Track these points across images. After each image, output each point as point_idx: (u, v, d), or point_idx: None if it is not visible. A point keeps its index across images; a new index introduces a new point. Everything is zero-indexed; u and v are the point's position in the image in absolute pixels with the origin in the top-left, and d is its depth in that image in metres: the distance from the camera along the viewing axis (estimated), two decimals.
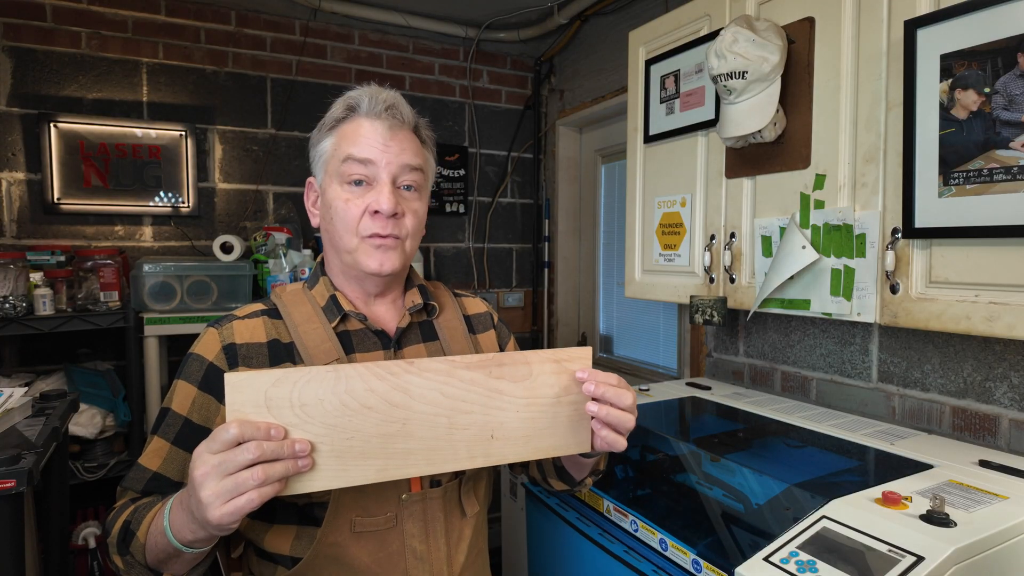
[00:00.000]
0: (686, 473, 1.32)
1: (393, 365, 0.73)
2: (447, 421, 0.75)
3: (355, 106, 0.92)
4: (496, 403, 0.77)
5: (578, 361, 0.81)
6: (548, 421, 0.80)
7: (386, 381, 0.72)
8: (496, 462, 0.79)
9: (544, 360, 0.79)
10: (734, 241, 1.51)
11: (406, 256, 0.93)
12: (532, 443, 0.80)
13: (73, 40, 2.28)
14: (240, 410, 0.67)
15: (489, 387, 0.77)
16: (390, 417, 0.73)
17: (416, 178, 0.93)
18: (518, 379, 0.78)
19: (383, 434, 0.73)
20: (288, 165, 2.65)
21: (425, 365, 0.74)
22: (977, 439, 1.29)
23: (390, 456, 0.73)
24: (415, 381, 0.74)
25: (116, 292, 2.08)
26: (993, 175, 0.99)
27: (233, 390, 0.67)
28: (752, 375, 1.83)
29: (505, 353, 0.78)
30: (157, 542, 0.76)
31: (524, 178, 3.18)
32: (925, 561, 0.82)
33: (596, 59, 2.70)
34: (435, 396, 0.75)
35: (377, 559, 0.87)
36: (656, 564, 1.12)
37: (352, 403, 0.71)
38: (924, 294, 1.11)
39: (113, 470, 2.08)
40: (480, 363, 0.77)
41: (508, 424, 0.78)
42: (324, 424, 0.70)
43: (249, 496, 0.65)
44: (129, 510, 0.84)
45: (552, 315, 3.15)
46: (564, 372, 0.80)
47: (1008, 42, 0.96)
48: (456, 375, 0.76)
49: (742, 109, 1.32)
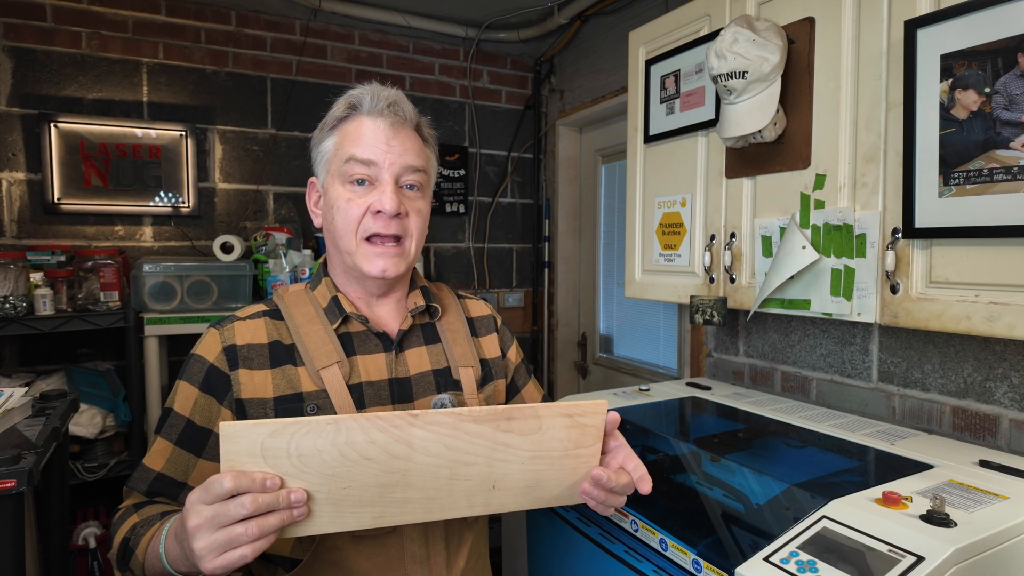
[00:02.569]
0: (686, 473, 1.32)
1: (396, 418, 0.69)
2: (448, 472, 0.73)
3: (357, 104, 0.91)
4: (501, 455, 0.75)
5: (591, 416, 0.77)
6: (554, 473, 0.78)
7: (388, 434, 0.69)
8: (496, 511, 0.77)
9: (556, 415, 0.76)
10: (734, 241, 1.51)
11: (409, 259, 0.93)
12: (534, 493, 0.78)
13: (73, 40, 2.28)
14: (235, 459, 0.64)
15: (495, 440, 0.74)
16: (390, 468, 0.70)
17: (419, 177, 0.93)
18: (527, 433, 0.75)
19: (382, 484, 0.70)
20: (288, 165, 2.65)
21: (430, 418, 0.71)
22: (977, 439, 1.29)
23: (387, 504, 0.72)
24: (418, 434, 0.70)
25: (116, 292, 2.08)
26: (993, 175, 0.99)
27: (228, 440, 0.64)
28: (752, 375, 1.83)
29: (516, 407, 0.74)
30: (154, 565, 0.76)
31: (524, 178, 3.18)
32: (925, 561, 0.82)
33: (596, 59, 2.70)
34: (438, 448, 0.71)
35: (376, 563, 0.86)
36: (656, 564, 1.12)
37: (352, 454, 0.68)
38: (924, 294, 1.11)
39: (113, 470, 2.08)
40: (488, 416, 0.73)
41: (511, 476, 0.76)
42: (321, 474, 0.68)
43: (242, 551, 0.63)
44: (128, 525, 0.83)
45: (552, 315, 3.15)
46: (576, 427, 0.77)
47: (1008, 42, 0.96)
48: (462, 428, 0.72)
49: (742, 109, 1.32)
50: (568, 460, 0.78)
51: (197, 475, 0.87)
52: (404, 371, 0.95)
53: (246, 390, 0.87)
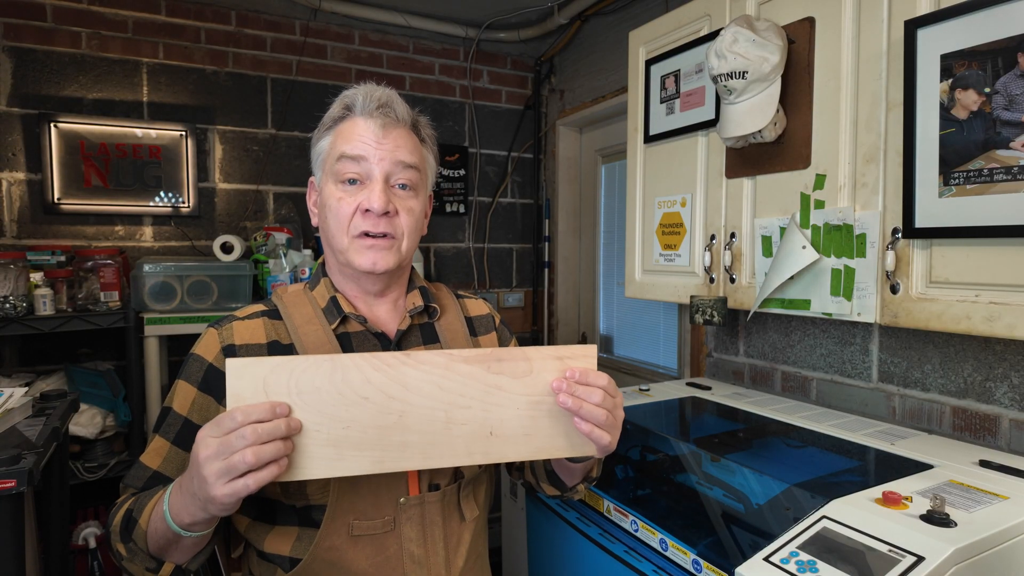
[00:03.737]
0: (686, 473, 1.32)
1: (390, 357, 0.73)
2: (444, 415, 0.75)
3: (351, 105, 0.92)
4: (495, 399, 0.76)
5: (582, 359, 0.79)
6: (550, 420, 0.79)
7: (383, 372, 0.73)
8: (496, 460, 0.78)
9: (546, 357, 0.78)
10: (734, 241, 1.51)
11: (401, 255, 0.93)
12: (533, 442, 0.79)
13: (73, 40, 2.28)
14: (240, 394, 0.69)
15: (488, 382, 0.76)
16: (387, 409, 0.73)
17: (411, 176, 0.92)
18: (518, 375, 0.77)
19: (380, 426, 0.73)
20: (288, 165, 2.65)
21: (422, 358, 0.74)
22: (977, 439, 1.29)
23: (386, 448, 0.73)
24: (412, 373, 0.74)
25: (116, 292, 2.08)
26: (993, 175, 0.99)
27: (234, 375, 0.68)
28: (752, 375, 1.83)
29: (505, 348, 0.76)
30: (157, 528, 0.77)
31: (524, 178, 3.18)
32: (925, 561, 0.82)
33: (596, 59, 2.70)
34: (432, 389, 0.74)
35: (375, 563, 0.86)
36: (656, 564, 1.12)
37: (349, 393, 0.72)
38: (924, 294, 1.11)
39: (113, 470, 2.08)
40: (479, 357, 0.76)
41: (508, 422, 0.77)
42: (321, 413, 0.71)
43: (245, 481, 0.67)
44: (131, 500, 0.84)
45: (552, 315, 3.15)
46: (566, 369, 0.78)
47: (1008, 42, 0.96)
48: (454, 368, 0.75)
49: (742, 109, 1.32)
50: None
51: None
52: None
53: None
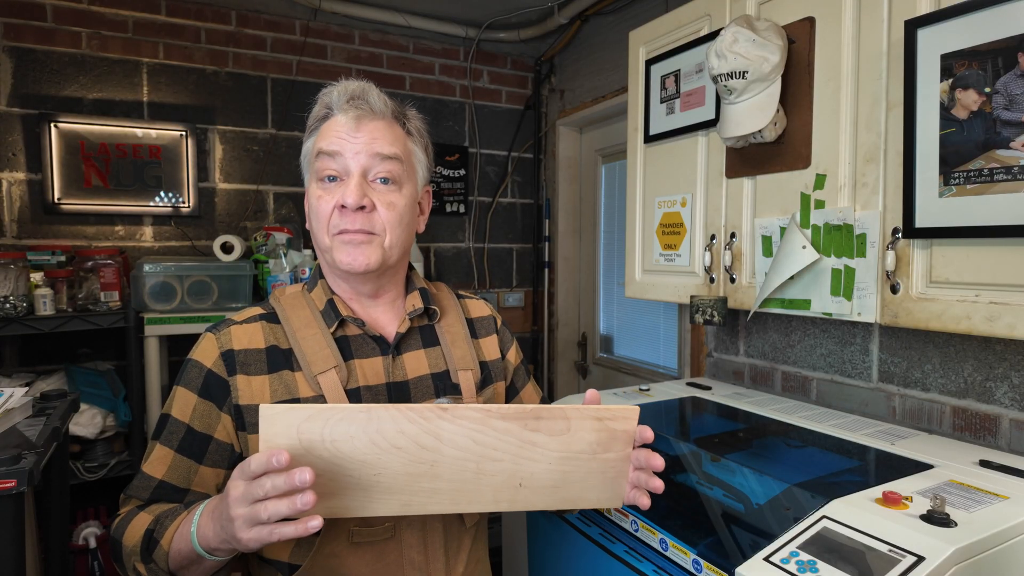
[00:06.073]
0: (686, 473, 1.32)
1: (426, 410, 0.72)
2: (475, 467, 0.74)
3: (330, 103, 0.91)
4: (528, 454, 0.76)
5: (622, 421, 0.77)
6: (581, 475, 0.78)
7: (417, 425, 0.72)
8: (521, 508, 0.78)
9: (585, 417, 0.76)
10: (734, 241, 1.51)
11: (384, 251, 0.89)
12: (560, 493, 0.78)
13: (73, 40, 2.28)
14: (272, 440, 0.68)
15: (523, 438, 0.75)
16: (418, 458, 0.72)
17: (392, 168, 0.89)
18: (555, 433, 0.76)
19: (410, 473, 0.73)
20: (288, 165, 2.65)
21: (459, 413, 0.73)
22: (977, 439, 1.29)
23: (415, 493, 0.74)
24: (447, 427, 0.73)
25: (116, 292, 2.08)
26: (993, 175, 0.99)
27: (266, 421, 0.67)
28: (752, 375, 1.83)
29: (544, 407, 0.75)
30: (181, 549, 0.76)
31: (524, 178, 3.18)
32: (926, 561, 0.82)
33: (596, 59, 2.70)
34: (466, 443, 0.73)
35: (375, 569, 0.86)
36: (656, 564, 1.12)
37: (382, 442, 0.71)
38: (924, 294, 1.11)
39: (113, 470, 2.08)
40: (517, 414, 0.74)
41: (538, 475, 0.77)
42: (353, 460, 0.70)
43: (270, 529, 0.65)
44: (147, 519, 0.82)
45: (552, 315, 3.15)
46: (605, 430, 0.77)
47: (1008, 42, 0.96)
48: (490, 424, 0.74)
49: (742, 109, 1.32)
50: (596, 463, 0.78)
51: (199, 481, 0.87)
52: (402, 375, 0.94)
53: (244, 396, 0.87)
